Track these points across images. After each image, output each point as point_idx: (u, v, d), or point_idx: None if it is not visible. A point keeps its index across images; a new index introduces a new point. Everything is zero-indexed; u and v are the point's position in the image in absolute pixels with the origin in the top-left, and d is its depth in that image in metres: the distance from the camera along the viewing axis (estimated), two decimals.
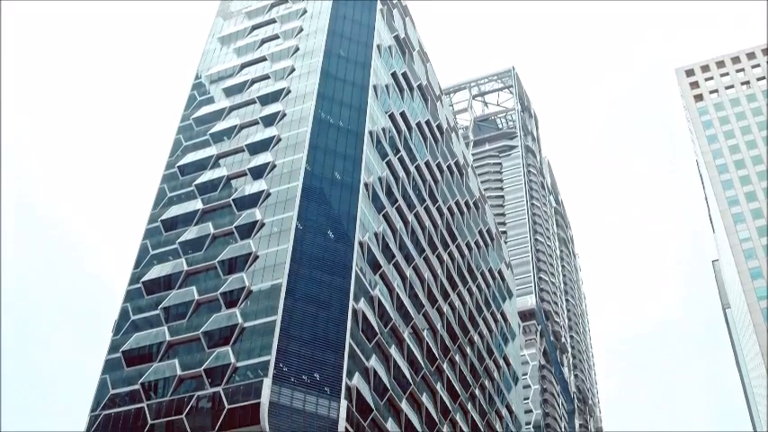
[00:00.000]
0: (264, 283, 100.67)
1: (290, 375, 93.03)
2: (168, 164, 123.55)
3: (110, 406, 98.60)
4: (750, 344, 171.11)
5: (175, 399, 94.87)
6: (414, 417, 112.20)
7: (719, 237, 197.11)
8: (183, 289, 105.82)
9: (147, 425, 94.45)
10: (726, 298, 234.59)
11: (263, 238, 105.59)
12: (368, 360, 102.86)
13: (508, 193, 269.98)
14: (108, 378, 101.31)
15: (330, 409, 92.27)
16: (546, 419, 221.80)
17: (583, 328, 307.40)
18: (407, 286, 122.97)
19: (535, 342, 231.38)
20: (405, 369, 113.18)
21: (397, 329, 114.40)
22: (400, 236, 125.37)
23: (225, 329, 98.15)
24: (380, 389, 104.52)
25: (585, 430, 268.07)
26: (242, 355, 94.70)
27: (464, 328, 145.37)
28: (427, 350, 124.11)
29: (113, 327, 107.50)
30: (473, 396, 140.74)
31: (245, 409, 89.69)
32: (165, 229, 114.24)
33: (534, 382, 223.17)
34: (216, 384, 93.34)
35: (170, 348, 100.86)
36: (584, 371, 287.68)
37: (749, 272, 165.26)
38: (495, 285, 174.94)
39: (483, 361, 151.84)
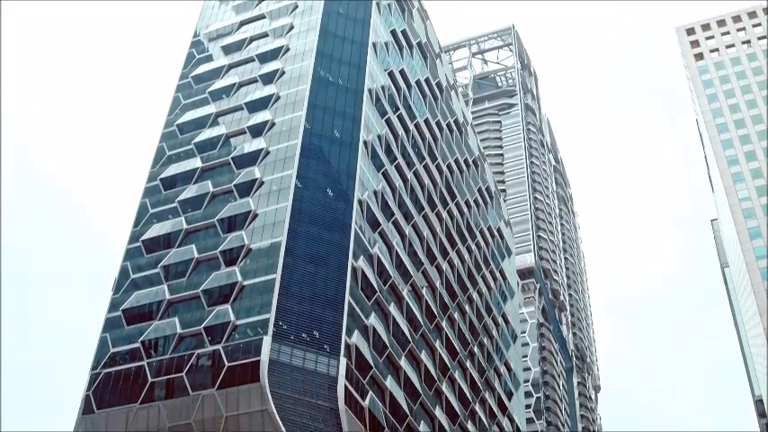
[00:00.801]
0: (264, 241, 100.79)
1: (290, 333, 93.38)
2: (167, 122, 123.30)
3: (110, 364, 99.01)
4: (748, 303, 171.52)
5: (175, 357, 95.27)
6: (413, 374, 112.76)
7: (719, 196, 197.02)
8: (182, 247, 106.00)
9: (148, 383, 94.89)
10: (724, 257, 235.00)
11: (263, 197, 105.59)
12: (367, 318, 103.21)
13: (507, 151, 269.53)
14: (108, 336, 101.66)
15: (329, 367, 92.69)
16: (544, 377, 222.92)
17: (581, 286, 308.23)
18: (406, 244, 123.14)
19: (534, 300, 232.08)
20: (404, 327, 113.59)
21: (397, 287, 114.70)
22: (399, 194, 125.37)
23: (224, 288, 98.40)
24: (380, 346, 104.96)
25: (583, 388, 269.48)
26: (242, 313, 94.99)
27: (463, 286, 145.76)
28: (426, 308, 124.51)
29: (113, 285, 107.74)
30: (472, 354, 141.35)
31: (244, 367, 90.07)
32: (164, 188, 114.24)
33: (533, 339, 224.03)
34: (216, 342, 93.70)
35: (170, 307, 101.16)
36: (583, 329, 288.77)
37: (748, 231, 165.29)
38: (494, 243, 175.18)
39: (482, 319, 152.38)
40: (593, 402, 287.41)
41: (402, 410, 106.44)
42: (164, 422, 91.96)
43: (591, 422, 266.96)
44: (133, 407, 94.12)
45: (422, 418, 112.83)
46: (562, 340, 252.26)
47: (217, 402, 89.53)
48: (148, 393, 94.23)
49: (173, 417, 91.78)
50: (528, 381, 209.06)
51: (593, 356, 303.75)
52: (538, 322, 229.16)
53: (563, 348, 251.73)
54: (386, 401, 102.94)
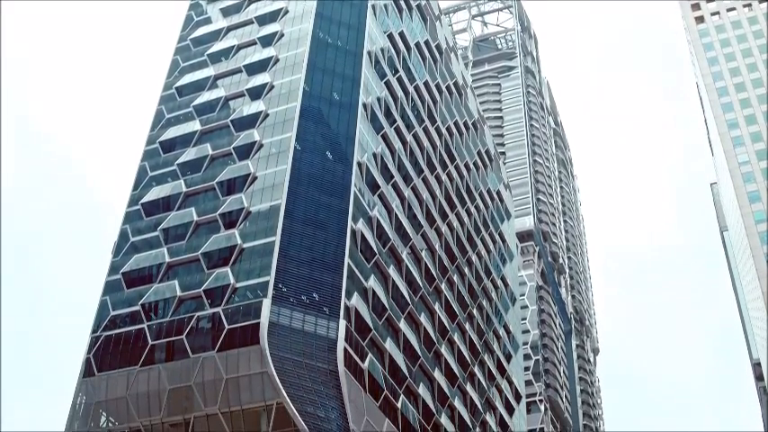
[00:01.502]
0: (263, 203, 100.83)
1: (290, 296, 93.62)
2: (166, 85, 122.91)
3: (110, 327, 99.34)
4: (747, 267, 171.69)
5: (175, 319, 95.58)
6: (412, 336, 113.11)
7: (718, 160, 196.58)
8: (181, 210, 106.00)
9: (148, 345, 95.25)
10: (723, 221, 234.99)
11: (262, 159, 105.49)
12: (366, 280, 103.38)
13: (507, 114, 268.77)
14: (108, 299, 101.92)
15: (329, 329, 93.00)
16: (543, 340, 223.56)
17: (580, 249, 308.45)
18: (406, 207, 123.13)
19: (533, 263, 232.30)
20: (403, 289, 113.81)
21: (396, 250, 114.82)
22: (399, 156, 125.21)
23: (224, 250, 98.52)
24: (379, 309, 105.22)
25: (582, 350, 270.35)
26: (241, 276, 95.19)
27: (462, 249, 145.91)
28: (426, 270, 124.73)
29: (113, 248, 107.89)
30: (471, 316, 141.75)
31: (244, 330, 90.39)
32: (163, 151, 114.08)
33: (532, 302, 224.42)
34: (216, 305, 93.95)
35: (169, 269, 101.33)
36: (582, 292, 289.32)
37: (747, 195, 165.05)
38: (493, 206, 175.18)
39: (481, 281, 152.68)
40: (592, 365, 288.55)
41: (401, 372, 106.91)
42: (164, 384, 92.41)
43: (589, 384, 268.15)
44: (133, 369, 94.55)
45: (421, 381, 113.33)
46: (561, 303, 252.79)
47: (217, 365, 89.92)
48: (149, 356, 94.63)
49: (173, 379, 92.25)
50: (527, 343, 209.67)
51: (591, 319, 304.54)
52: (537, 285, 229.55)
53: (562, 311, 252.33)
54: (385, 364, 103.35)
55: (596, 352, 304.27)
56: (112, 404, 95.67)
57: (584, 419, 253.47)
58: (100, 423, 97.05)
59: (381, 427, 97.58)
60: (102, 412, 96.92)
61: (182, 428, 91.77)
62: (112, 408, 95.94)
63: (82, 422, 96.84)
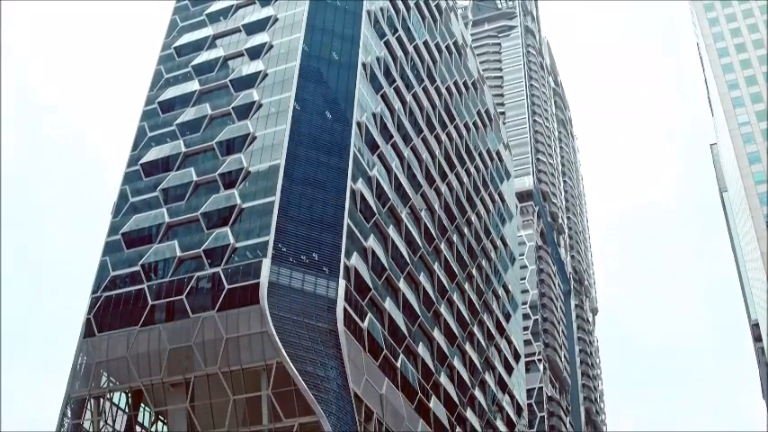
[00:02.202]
0: (262, 163, 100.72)
1: (289, 255, 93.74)
2: (164, 45, 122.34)
3: (110, 288, 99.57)
4: (746, 228, 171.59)
5: (175, 279, 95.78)
6: (411, 296, 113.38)
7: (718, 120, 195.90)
8: (181, 170, 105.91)
9: (148, 306, 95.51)
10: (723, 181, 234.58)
11: (261, 119, 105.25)
12: (366, 240, 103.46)
13: (507, 73, 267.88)
14: (108, 260, 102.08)
15: (329, 289, 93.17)
16: (542, 299, 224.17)
17: (580, 209, 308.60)
18: (405, 167, 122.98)
19: (532, 223, 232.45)
20: (403, 249, 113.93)
21: (395, 210, 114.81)
22: (398, 116, 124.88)
23: (224, 210, 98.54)
24: (378, 268, 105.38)
25: (581, 310, 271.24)
26: (241, 236, 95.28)
27: (462, 209, 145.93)
28: (425, 230, 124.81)
29: (112, 209, 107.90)
30: (470, 276, 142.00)
31: (244, 289, 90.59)
32: (162, 111, 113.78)
33: (531, 262, 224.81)
34: (215, 265, 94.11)
35: (169, 230, 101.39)
36: (581, 252, 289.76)
37: (747, 156, 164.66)
38: (492, 166, 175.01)
39: (480, 241, 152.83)
40: (591, 325, 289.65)
41: (401, 332, 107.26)
42: (164, 344, 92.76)
43: (588, 344, 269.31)
44: (134, 330, 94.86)
45: (420, 340, 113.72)
46: (560, 263, 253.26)
47: (217, 324, 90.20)
48: (149, 316, 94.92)
49: (173, 339, 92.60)
50: (526, 303, 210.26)
51: (590, 279, 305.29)
52: (536, 245, 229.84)
53: (561, 271, 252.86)
54: (385, 323, 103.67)
55: (595, 312, 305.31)
56: (113, 364, 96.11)
57: (582, 379, 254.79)
58: (100, 383, 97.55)
59: (381, 387, 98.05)
60: (102, 372, 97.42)
61: (182, 388, 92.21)
62: (113, 368, 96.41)
63: (83, 382, 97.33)
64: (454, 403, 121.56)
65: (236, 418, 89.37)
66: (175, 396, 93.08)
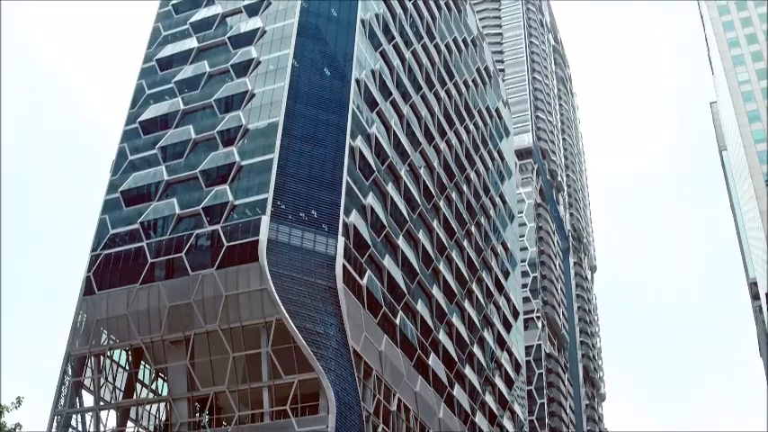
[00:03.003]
0: (261, 121, 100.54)
1: (288, 213, 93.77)
2: (162, 2, 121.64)
3: (110, 245, 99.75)
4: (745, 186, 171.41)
5: (174, 237, 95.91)
6: (410, 253, 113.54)
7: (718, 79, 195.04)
8: (179, 128, 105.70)
9: (147, 263, 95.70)
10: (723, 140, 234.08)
11: (260, 77, 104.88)
12: (365, 197, 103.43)
13: (506, 30, 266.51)
14: (107, 218, 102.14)
15: (328, 246, 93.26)
16: (541, 257, 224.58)
17: (579, 167, 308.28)
18: (404, 124, 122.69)
19: (531, 180, 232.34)
20: (401, 206, 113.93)
21: (394, 167, 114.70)
22: (397, 73, 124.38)
23: (222, 168, 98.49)
24: (378, 226, 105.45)
25: (580, 268, 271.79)
26: (240, 194, 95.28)
27: (461, 166, 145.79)
28: (424, 187, 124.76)
29: (111, 167, 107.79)
30: (469, 233, 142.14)
31: (243, 247, 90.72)
32: (160, 69, 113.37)
33: (530, 219, 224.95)
34: (214, 222, 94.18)
35: (168, 187, 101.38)
36: (580, 209, 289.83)
37: (747, 114, 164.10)
38: (492, 123, 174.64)
39: (479, 198, 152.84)
40: (589, 282, 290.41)
41: (400, 289, 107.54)
42: (164, 302, 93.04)
43: (586, 302, 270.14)
44: (133, 287, 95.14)
45: (419, 297, 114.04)
46: (559, 220, 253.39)
47: (216, 282, 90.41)
48: (148, 274, 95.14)
49: (173, 297, 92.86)
50: (525, 260, 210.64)
51: (589, 237, 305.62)
52: (535, 202, 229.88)
53: (560, 228, 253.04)
54: (384, 280, 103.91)
55: (594, 270, 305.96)
56: (113, 322, 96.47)
57: (580, 336, 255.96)
58: (101, 341, 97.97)
59: (380, 344, 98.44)
60: (102, 330, 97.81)
61: (182, 345, 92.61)
62: (113, 325, 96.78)
63: (83, 340, 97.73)
64: (453, 360, 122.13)
65: (236, 374, 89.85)
66: (175, 353, 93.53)
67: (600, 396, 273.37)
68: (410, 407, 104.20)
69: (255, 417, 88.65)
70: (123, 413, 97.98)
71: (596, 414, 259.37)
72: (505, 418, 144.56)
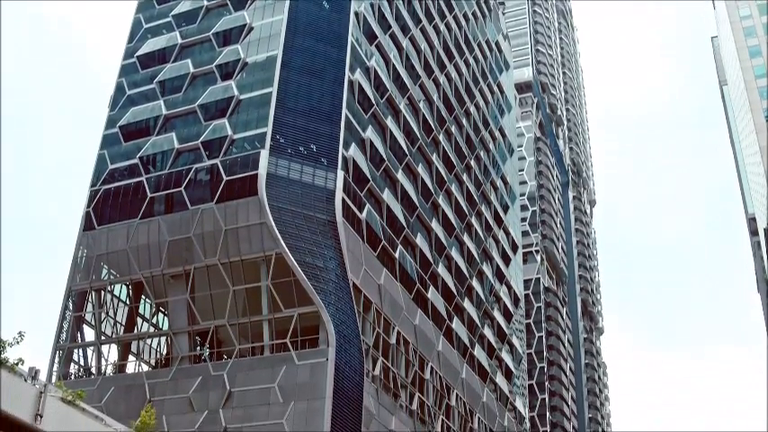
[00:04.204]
0: (260, 54, 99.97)
1: (287, 147, 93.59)
2: None
3: (109, 180, 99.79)
4: (745, 122, 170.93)
5: (174, 172, 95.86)
6: (410, 187, 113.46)
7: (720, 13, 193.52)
8: (177, 62, 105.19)
9: (147, 198, 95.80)
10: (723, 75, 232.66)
11: (258, 9, 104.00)
12: (364, 131, 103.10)
13: None
14: (106, 153, 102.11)
15: (327, 180, 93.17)
16: (540, 191, 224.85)
17: (579, 101, 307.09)
18: (404, 57, 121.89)
19: (531, 114, 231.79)
20: (401, 140, 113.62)
21: (393, 100, 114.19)
22: (396, 6, 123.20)
23: (221, 102, 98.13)
24: (377, 159, 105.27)
25: (579, 202, 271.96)
26: (239, 128, 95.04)
27: (460, 100, 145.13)
28: (423, 121, 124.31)
29: (109, 102, 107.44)
30: (468, 167, 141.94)
31: (243, 181, 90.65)
32: (157, 3, 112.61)
33: (529, 153, 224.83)
34: (214, 157, 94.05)
35: (167, 122, 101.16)
36: (579, 144, 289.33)
37: (748, 50, 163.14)
38: (491, 57, 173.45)
39: (479, 132, 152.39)
40: (588, 216, 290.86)
41: (399, 223, 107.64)
42: (164, 236, 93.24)
43: (585, 236, 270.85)
44: (133, 222, 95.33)
45: (418, 231, 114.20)
46: (559, 154, 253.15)
47: (216, 216, 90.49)
48: (148, 208, 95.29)
49: (172, 231, 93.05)
50: (524, 194, 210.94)
51: (589, 171, 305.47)
52: (535, 136, 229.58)
53: (559, 162, 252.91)
54: (383, 214, 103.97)
55: (593, 204, 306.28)
56: (113, 257, 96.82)
57: (579, 270, 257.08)
58: (101, 276, 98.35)
59: (379, 277, 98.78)
60: (103, 265, 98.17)
61: (182, 279, 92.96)
62: (113, 260, 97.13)
63: (83, 275, 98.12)
64: (452, 294, 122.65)
65: (236, 308, 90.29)
66: (176, 287, 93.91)
67: (598, 330, 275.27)
68: (409, 340, 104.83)
69: (256, 350, 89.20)
70: (124, 347, 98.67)
71: (594, 347, 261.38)
72: (504, 351, 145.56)
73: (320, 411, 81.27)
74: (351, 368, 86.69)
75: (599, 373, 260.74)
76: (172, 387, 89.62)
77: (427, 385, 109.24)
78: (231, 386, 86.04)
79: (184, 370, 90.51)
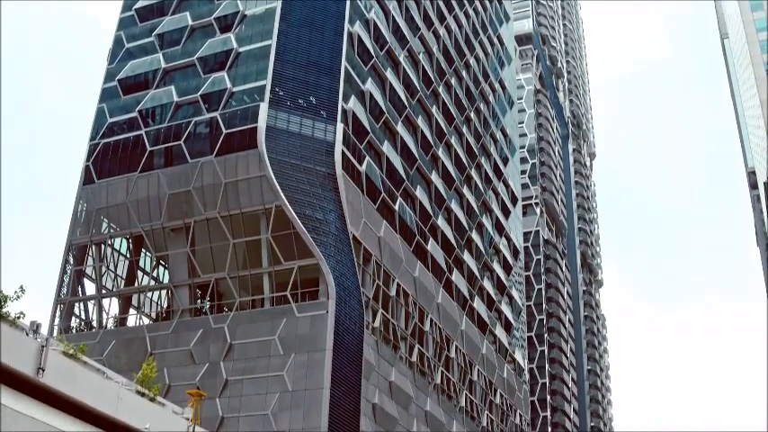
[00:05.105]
0: (258, 6, 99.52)
1: (287, 99, 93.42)
2: None
3: (108, 134, 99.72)
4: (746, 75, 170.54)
5: (173, 125, 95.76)
6: (409, 139, 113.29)
7: None
8: (176, 15, 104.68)
9: (146, 151, 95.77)
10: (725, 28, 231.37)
11: None
12: (363, 83, 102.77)
13: None
14: (105, 107, 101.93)
15: (326, 132, 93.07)
16: (540, 143, 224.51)
17: (579, 53, 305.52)
18: (403, 8, 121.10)
19: (531, 66, 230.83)
20: (400, 92, 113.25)
21: (393, 52, 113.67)
22: None
23: (220, 54, 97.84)
24: (376, 112, 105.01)
25: (579, 155, 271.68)
26: (238, 80, 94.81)
27: (460, 52, 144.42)
28: (423, 73, 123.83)
29: (108, 55, 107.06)
30: (468, 119, 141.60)
31: (242, 134, 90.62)
32: None
33: (529, 106, 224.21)
34: (213, 110, 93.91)
35: (166, 75, 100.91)
36: (580, 96, 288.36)
37: (749, 3, 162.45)
38: (491, 8, 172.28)
39: (479, 84, 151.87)
40: (588, 169, 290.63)
41: (398, 175, 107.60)
42: (163, 190, 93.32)
43: (585, 188, 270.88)
44: (133, 176, 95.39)
45: (418, 183, 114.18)
46: (559, 107, 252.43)
47: (215, 169, 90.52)
48: (147, 162, 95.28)
49: (172, 184, 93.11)
50: (524, 147, 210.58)
51: (589, 124, 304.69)
52: (535, 89, 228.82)
53: (559, 115, 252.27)
54: (382, 166, 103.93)
55: (593, 156, 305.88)
56: (113, 210, 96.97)
57: (579, 222, 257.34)
58: (101, 230, 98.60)
59: (379, 230, 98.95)
60: (103, 219, 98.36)
61: (182, 233, 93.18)
62: (113, 214, 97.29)
63: (84, 229, 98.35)
64: (452, 246, 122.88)
65: (236, 261, 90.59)
66: (176, 241, 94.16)
67: (597, 282, 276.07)
68: (409, 292, 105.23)
69: (256, 302, 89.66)
70: (125, 300, 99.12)
71: (593, 300, 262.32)
72: (503, 303, 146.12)
73: (320, 363, 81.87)
74: (351, 320, 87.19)
75: (598, 325, 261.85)
76: (173, 340, 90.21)
77: (427, 337, 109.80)
78: (232, 339, 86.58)
79: (185, 323, 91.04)
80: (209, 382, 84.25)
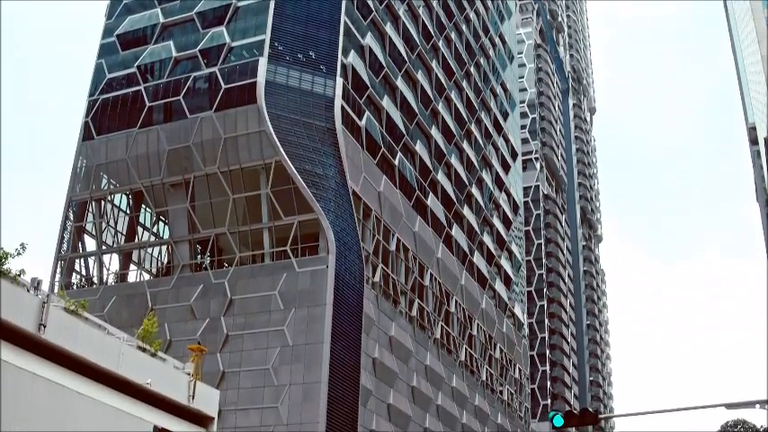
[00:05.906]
0: None
1: (286, 54, 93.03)
2: None
3: (107, 90, 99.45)
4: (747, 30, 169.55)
5: (172, 80, 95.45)
6: (409, 94, 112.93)
7: None
8: None
9: (146, 107, 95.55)
10: None
11: None
12: (363, 38, 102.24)
13: None
14: (104, 62, 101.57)
15: (326, 87, 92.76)
16: (540, 98, 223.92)
17: (580, 7, 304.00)
18: None
19: (531, 21, 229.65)
20: (400, 46, 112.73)
21: (392, 6, 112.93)
22: None
23: (219, 9, 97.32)
24: (376, 66, 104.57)
25: (579, 110, 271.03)
26: (237, 35, 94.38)
27: (459, 5, 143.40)
28: (423, 27, 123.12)
29: (106, 10, 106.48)
30: (468, 74, 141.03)
31: (241, 89, 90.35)
32: None
33: (529, 60, 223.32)
34: (212, 65, 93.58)
35: (164, 30, 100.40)
36: (580, 51, 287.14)
37: None
38: None
39: (478, 39, 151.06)
40: (588, 124, 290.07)
41: (398, 130, 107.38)
42: (163, 145, 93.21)
43: (585, 143, 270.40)
44: (132, 131, 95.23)
45: (417, 138, 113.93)
46: (559, 61, 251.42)
47: (215, 124, 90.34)
48: (147, 118, 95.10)
49: (171, 140, 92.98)
50: (524, 102, 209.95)
51: (589, 78, 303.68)
52: (535, 43, 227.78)
53: (560, 70, 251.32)
54: (382, 121, 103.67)
55: (593, 111, 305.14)
56: (113, 166, 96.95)
57: (578, 178, 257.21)
58: (101, 185, 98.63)
59: (379, 185, 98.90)
60: (102, 175, 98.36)
61: (182, 188, 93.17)
62: (113, 170, 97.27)
63: (83, 185, 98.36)
64: (451, 201, 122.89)
65: (236, 216, 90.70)
66: (175, 196, 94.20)
67: (597, 237, 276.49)
68: (409, 247, 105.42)
69: (256, 258, 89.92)
70: (125, 256, 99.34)
71: (593, 255, 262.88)
72: (503, 257, 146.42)
73: (321, 318, 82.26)
74: (351, 275, 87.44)
75: (597, 280, 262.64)
76: (173, 295, 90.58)
77: (427, 292, 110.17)
78: (232, 294, 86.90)
79: (185, 278, 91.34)
80: (210, 337, 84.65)
